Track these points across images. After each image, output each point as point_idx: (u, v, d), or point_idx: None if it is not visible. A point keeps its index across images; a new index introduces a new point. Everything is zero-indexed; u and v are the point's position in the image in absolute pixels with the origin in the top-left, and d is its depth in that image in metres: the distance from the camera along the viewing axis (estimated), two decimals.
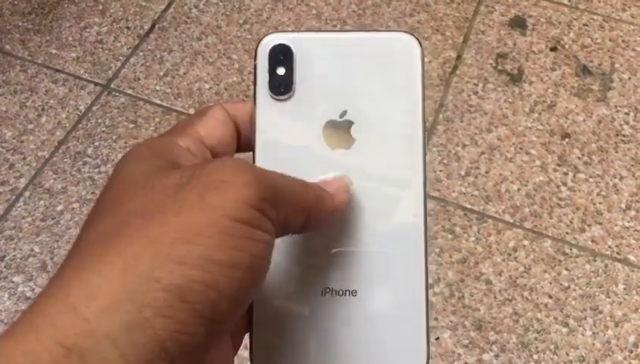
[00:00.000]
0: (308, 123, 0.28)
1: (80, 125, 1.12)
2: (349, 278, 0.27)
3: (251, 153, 0.28)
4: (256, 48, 0.29)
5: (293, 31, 0.33)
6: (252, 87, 0.29)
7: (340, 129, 0.28)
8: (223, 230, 0.21)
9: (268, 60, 0.28)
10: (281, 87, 0.28)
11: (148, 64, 1.20)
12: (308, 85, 0.28)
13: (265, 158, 0.28)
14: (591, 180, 1.06)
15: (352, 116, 0.28)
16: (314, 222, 0.25)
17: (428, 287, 0.27)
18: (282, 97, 0.28)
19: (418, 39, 0.29)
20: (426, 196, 0.28)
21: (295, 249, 0.27)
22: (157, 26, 1.25)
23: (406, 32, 0.29)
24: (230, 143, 0.28)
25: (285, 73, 0.28)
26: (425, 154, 0.28)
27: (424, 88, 0.28)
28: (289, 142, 0.28)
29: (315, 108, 0.28)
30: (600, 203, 1.03)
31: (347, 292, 0.27)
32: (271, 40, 0.28)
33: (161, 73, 1.19)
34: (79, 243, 0.22)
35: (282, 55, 0.28)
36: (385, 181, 0.28)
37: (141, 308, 0.19)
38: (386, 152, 0.28)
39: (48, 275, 0.96)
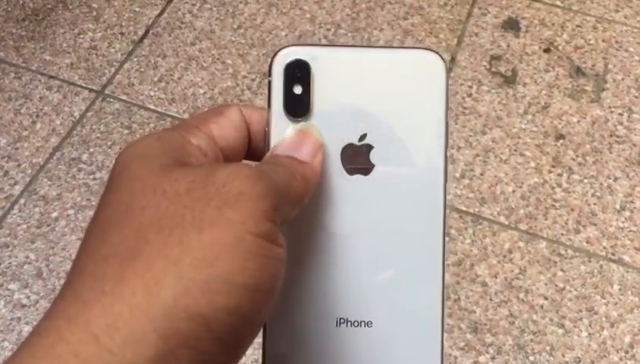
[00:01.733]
0: (325, 148, 0.26)
1: (75, 131, 1.12)
2: (364, 309, 0.26)
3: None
4: (271, 62, 0.27)
5: (310, 44, 0.32)
6: (267, 103, 0.27)
7: (359, 153, 0.26)
8: (245, 248, 0.20)
9: (284, 77, 0.26)
10: (297, 108, 0.26)
11: (142, 69, 1.20)
12: (326, 105, 0.26)
13: None
14: (585, 181, 1.06)
15: (372, 140, 0.26)
16: (307, 187, 0.25)
17: (444, 315, 0.26)
18: (299, 119, 0.26)
19: (442, 57, 0.27)
20: (445, 225, 0.27)
21: (310, 276, 0.26)
22: (151, 31, 1.25)
23: (429, 49, 0.27)
24: (241, 149, 0.27)
25: (302, 92, 0.26)
26: (446, 181, 0.27)
27: (447, 110, 0.27)
28: None
29: (332, 131, 0.26)
30: (594, 204, 1.04)
31: (362, 323, 0.26)
32: (288, 54, 0.27)
33: (156, 79, 1.19)
34: (92, 255, 0.21)
35: (299, 72, 0.26)
36: (403, 209, 0.27)
37: (167, 339, 0.19)
38: (406, 180, 0.27)
39: (44, 282, 0.96)
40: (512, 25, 1.26)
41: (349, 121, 0.26)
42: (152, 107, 1.15)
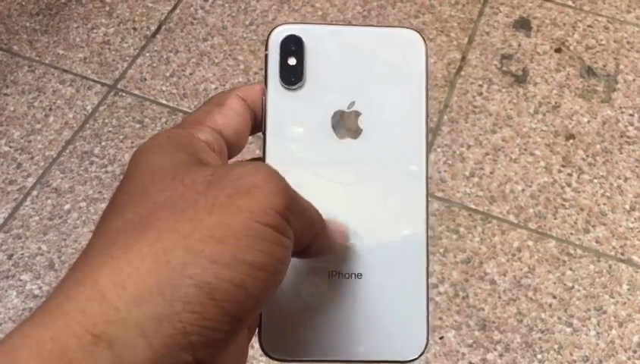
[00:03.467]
0: (317, 113, 0.29)
1: (87, 125, 1.13)
2: (355, 263, 0.28)
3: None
4: (267, 38, 0.29)
5: (303, 22, 0.34)
6: (264, 76, 0.29)
7: (348, 119, 0.29)
8: (253, 233, 0.21)
9: (280, 50, 0.29)
10: (292, 77, 0.29)
11: (154, 64, 1.21)
12: (317, 75, 0.29)
13: (275, 145, 0.28)
14: (595, 181, 1.06)
15: (360, 107, 0.29)
16: (315, 247, 0.26)
17: (428, 271, 0.28)
18: (293, 86, 0.29)
19: (422, 36, 0.30)
20: (428, 183, 0.29)
21: None
22: (163, 27, 1.26)
23: (411, 28, 0.30)
24: (245, 133, 0.29)
25: (296, 63, 0.29)
26: (427, 145, 0.29)
27: (427, 82, 0.30)
28: (298, 131, 0.29)
29: (324, 98, 0.29)
30: (604, 204, 1.04)
31: (353, 275, 0.28)
32: (283, 31, 0.29)
33: (168, 74, 1.19)
34: (104, 230, 0.22)
35: (293, 46, 0.29)
36: (389, 170, 0.29)
37: (172, 302, 0.20)
38: (391, 143, 0.29)
39: (56, 273, 0.97)
40: (523, 24, 1.26)
41: (338, 90, 0.29)
42: (164, 102, 1.16)
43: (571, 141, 1.11)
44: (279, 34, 0.29)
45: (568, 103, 1.15)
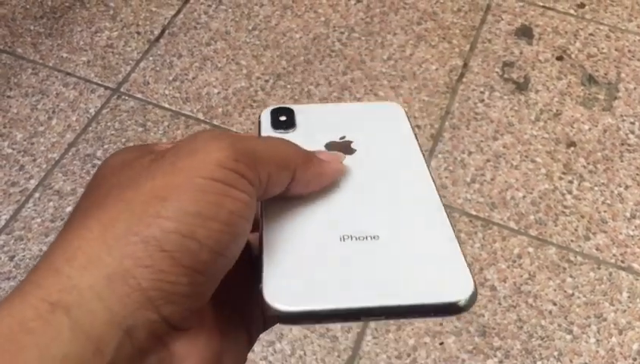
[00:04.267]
0: (310, 144, 0.28)
1: (90, 128, 1.14)
2: (367, 226, 0.26)
3: None
4: (259, 116, 0.32)
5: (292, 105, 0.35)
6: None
7: (341, 145, 0.30)
8: (196, 187, 0.22)
9: (270, 116, 0.31)
10: (284, 125, 0.31)
11: (157, 68, 1.21)
12: (308, 123, 0.31)
13: None
14: (596, 188, 1.06)
15: (351, 138, 0.30)
16: (300, 182, 0.25)
17: (451, 219, 0.27)
18: (285, 131, 0.30)
19: (401, 105, 0.33)
20: (436, 183, 0.29)
21: (308, 210, 0.27)
22: (167, 31, 1.26)
23: (391, 102, 0.33)
24: None
25: (286, 119, 0.31)
26: (430, 169, 0.30)
27: (418, 140, 0.31)
28: None
29: (316, 137, 0.30)
30: (605, 212, 1.04)
31: (369, 237, 0.25)
32: (273, 106, 0.32)
33: (171, 78, 1.20)
34: (64, 224, 0.23)
35: (283, 112, 0.31)
36: (390, 174, 0.29)
37: (121, 260, 0.20)
38: (388, 157, 0.30)
39: None
40: (525, 32, 1.26)
41: (330, 131, 0.31)
42: (167, 105, 1.16)
43: (572, 148, 1.11)
44: (269, 108, 0.32)
45: (569, 111, 1.15)
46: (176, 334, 0.21)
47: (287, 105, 0.32)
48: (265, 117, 0.31)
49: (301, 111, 0.31)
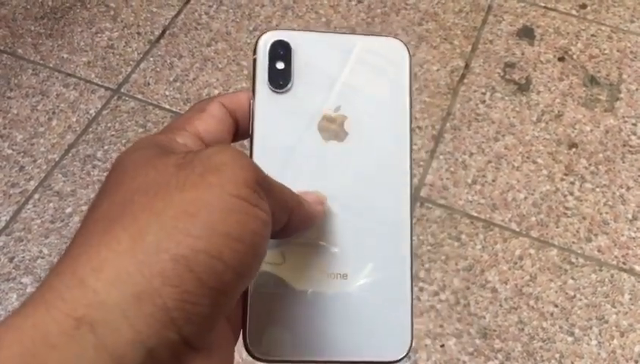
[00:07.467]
0: (304, 116, 0.29)
1: (90, 129, 1.13)
2: (340, 263, 0.28)
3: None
4: (256, 43, 0.30)
5: (291, 29, 0.34)
6: (252, 80, 0.30)
7: (334, 123, 0.30)
8: (226, 205, 0.21)
9: (268, 55, 0.30)
10: (280, 80, 0.29)
11: (158, 69, 1.21)
12: (305, 80, 0.30)
13: (262, 147, 0.29)
14: (597, 190, 1.06)
15: (346, 111, 0.30)
16: (293, 224, 0.26)
17: (412, 270, 0.29)
18: (280, 90, 0.29)
19: (406, 46, 0.31)
20: (412, 186, 0.30)
21: (287, 242, 0.29)
22: (167, 32, 1.26)
23: (396, 38, 0.31)
24: (227, 139, 0.29)
25: (284, 67, 0.30)
26: (411, 149, 0.30)
27: (412, 88, 0.31)
28: (285, 134, 0.29)
29: (310, 102, 0.30)
30: (606, 213, 1.03)
31: (339, 275, 0.28)
32: (271, 36, 0.30)
33: (171, 79, 1.20)
34: (84, 224, 0.22)
35: (281, 51, 0.30)
36: (374, 172, 0.29)
37: (150, 278, 0.20)
38: (376, 146, 0.30)
39: None
40: (526, 33, 1.26)
41: (325, 94, 0.30)
42: (167, 106, 1.16)
43: (573, 150, 1.11)
44: (267, 39, 0.30)
45: (571, 112, 1.15)
46: (193, 353, 0.21)
47: (285, 38, 0.30)
48: (262, 56, 0.30)
49: (299, 53, 0.30)
